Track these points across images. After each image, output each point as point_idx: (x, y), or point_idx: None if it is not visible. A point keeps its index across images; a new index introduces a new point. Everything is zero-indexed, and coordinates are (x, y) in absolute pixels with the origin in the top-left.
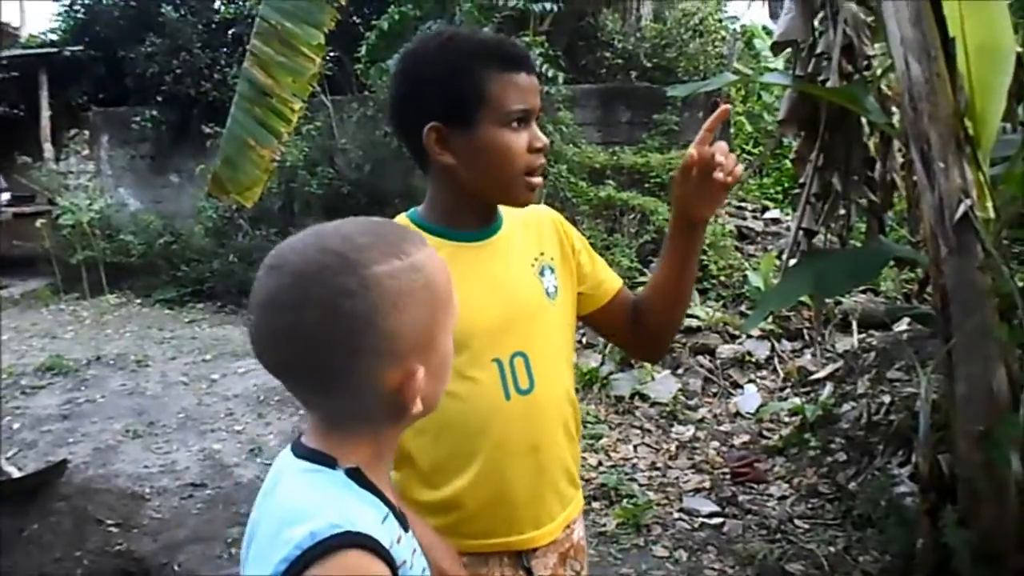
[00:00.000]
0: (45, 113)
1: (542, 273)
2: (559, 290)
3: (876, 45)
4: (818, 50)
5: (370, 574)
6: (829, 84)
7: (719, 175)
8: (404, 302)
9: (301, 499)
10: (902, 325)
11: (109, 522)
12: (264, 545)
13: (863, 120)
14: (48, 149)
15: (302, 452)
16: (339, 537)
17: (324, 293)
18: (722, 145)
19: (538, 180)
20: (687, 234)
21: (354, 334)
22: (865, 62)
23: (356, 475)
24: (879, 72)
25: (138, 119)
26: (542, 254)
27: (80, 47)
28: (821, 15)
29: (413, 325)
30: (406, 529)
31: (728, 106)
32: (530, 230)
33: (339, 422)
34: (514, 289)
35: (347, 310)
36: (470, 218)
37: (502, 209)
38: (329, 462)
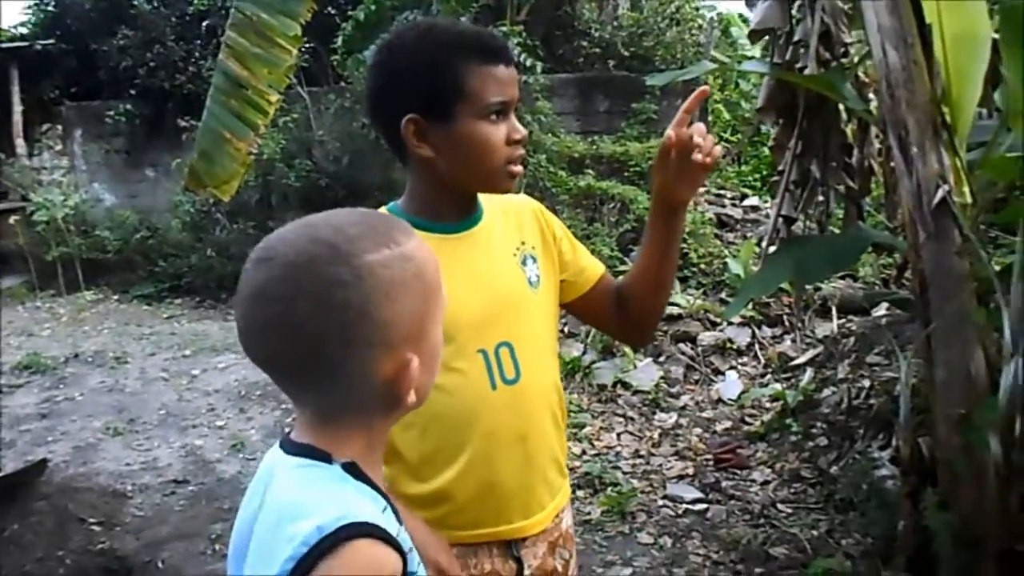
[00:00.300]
0: (17, 108)
1: (524, 263)
2: (541, 279)
3: (853, 32)
4: (796, 38)
5: (382, 562)
6: (807, 72)
7: (698, 156)
8: (397, 291)
9: (300, 495)
10: (881, 310)
11: (91, 521)
12: (265, 544)
13: (840, 107)
14: (20, 144)
15: (293, 448)
16: (347, 528)
17: (316, 283)
18: (699, 126)
19: (519, 169)
20: (668, 218)
21: (347, 325)
22: (842, 49)
23: (352, 469)
24: (856, 59)
25: (112, 113)
26: (523, 243)
27: (51, 40)
28: (798, 3)
29: (405, 314)
30: (400, 523)
31: (706, 87)
32: (511, 220)
33: (331, 416)
34: (497, 280)
35: (340, 300)
36: (450, 210)
37: (482, 199)
38: (324, 457)
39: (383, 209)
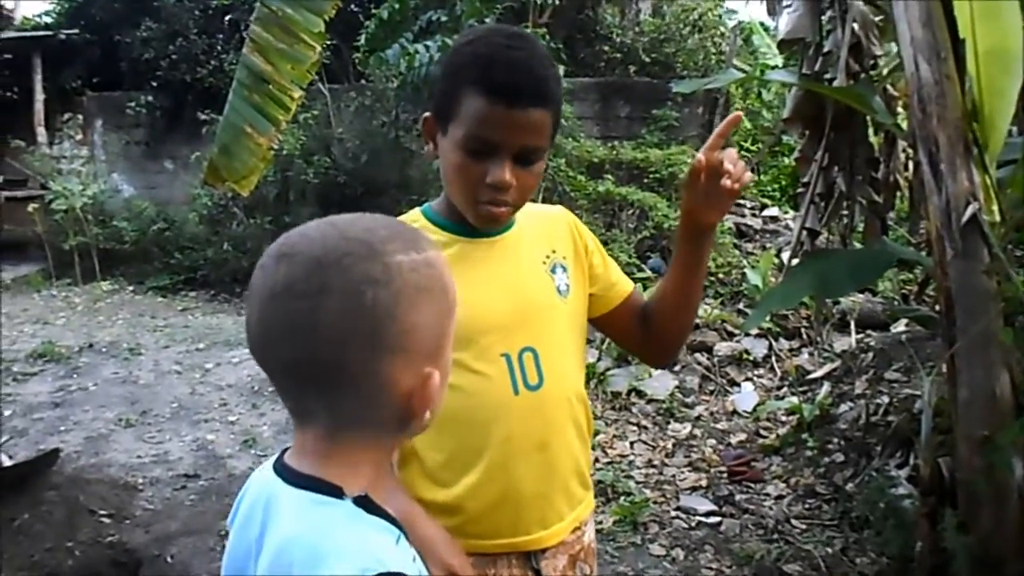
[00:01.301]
0: (39, 97)
1: (553, 270)
2: (571, 289)
3: (883, 45)
4: (825, 49)
5: None
6: (836, 83)
7: (726, 182)
8: (423, 297)
9: (315, 539)
10: (900, 326)
11: (101, 512)
12: None
13: (868, 120)
14: (41, 133)
15: (297, 479)
16: None
17: (347, 280)
18: (731, 152)
19: (497, 210)
20: (695, 240)
21: (374, 326)
22: (872, 62)
23: (365, 503)
24: (885, 72)
25: (133, 104)
26: (554, 252)
27: (75, 30)
28: (829, 14)
29: (428, 323)
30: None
31: (740, 114)
32: (542, 228)
33: (341, 435)
34: (524, 285)
35: (371, 299)
36: None
37: None
38: (335, 491)
39: (416, 211)
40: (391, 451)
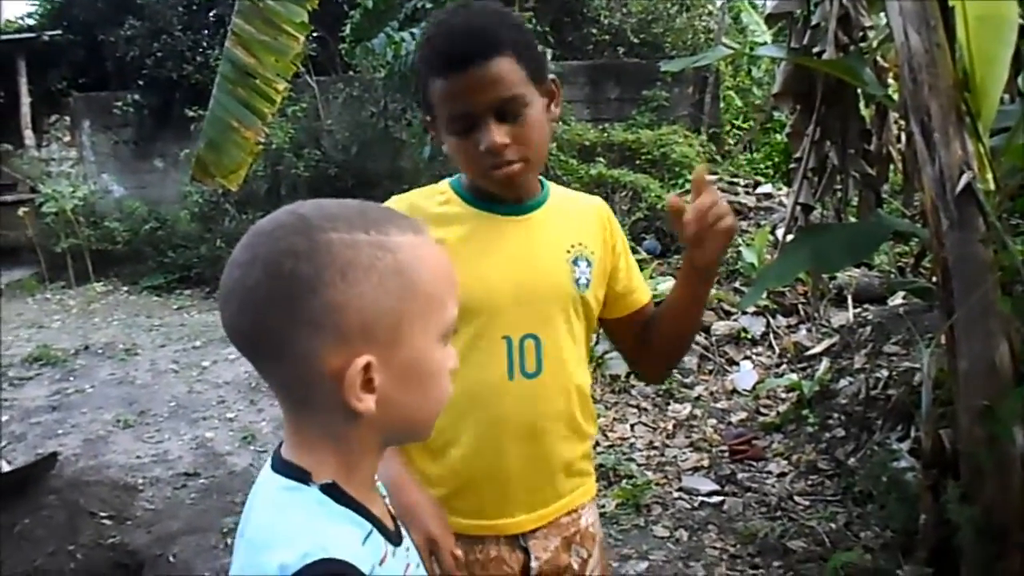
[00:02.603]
0: (24, 99)
1: (576, 262)
2: (591, 284)
3: (871, 16)
4: (814, 22)
5: None
6: (825, 56)
7: (711, 222)
8: (357, 276)
9: (271, 524)
10: (897, 299)
11: (102, 514)
12: (237, 571)
13: (859, 92)
14: (29, 136)
15: (279, 466)
16: (312, 567)
17: (270, 250)
18: (706, 194)
19: (507, 170)
20: (695, 279)
21: (293, 297)
22: (861, 33)
23: (332, 491)
24: (875, 43)
25: (120, 104)
26: (580, 243)
27: (58, 31)
28: None
29: (366, 305)
30: (397, 542)
31: (705, 167)
32: (574, 217)
33: (299, 416)
34: (539, 270)
35: (287, 270)
36: (489, 192)
37: (551, 189)
38: (304, 477)
39: (446, 181)
40: (358, 447)
